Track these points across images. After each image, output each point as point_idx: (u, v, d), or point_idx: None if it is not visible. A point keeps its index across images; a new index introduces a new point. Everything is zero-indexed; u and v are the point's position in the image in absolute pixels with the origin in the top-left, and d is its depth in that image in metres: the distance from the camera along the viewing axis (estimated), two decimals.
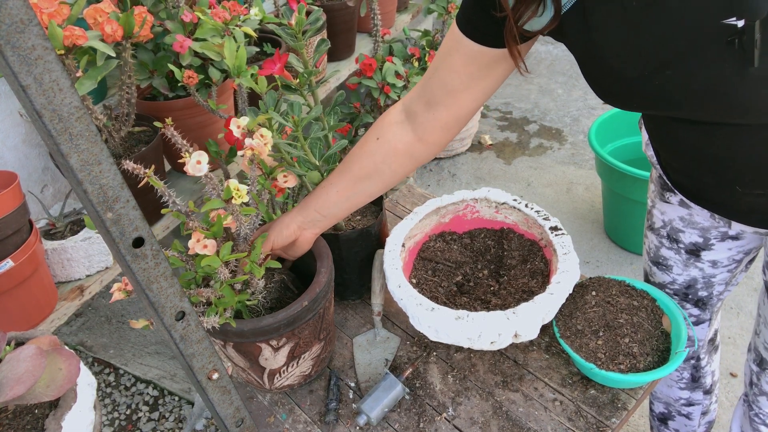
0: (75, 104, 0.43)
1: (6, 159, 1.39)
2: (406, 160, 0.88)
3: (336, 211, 0.91)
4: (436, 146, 0.87)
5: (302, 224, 0.91)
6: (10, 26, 0.38)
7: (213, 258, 0.77)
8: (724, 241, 0.95)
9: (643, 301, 0.94)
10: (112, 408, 1.74)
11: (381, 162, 0.87)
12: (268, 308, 0.90)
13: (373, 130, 0.89)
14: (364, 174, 0.88)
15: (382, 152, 0.87)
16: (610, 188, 2.05)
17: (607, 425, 0.86)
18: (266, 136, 0.83)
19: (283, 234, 0.90)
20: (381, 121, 0.89)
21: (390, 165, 0.88)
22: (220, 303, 0.80)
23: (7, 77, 0.40)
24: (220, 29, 1.19)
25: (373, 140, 0.88)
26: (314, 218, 0.91)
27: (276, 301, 0.91)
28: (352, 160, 0.89)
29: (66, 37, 0.98)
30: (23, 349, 0.66)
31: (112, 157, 0.46)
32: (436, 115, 0.83)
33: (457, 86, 0.79)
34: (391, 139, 0.87)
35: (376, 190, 0.90)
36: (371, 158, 0.88)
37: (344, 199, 0.90)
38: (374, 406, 0.89)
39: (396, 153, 0.87)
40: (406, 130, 0.86)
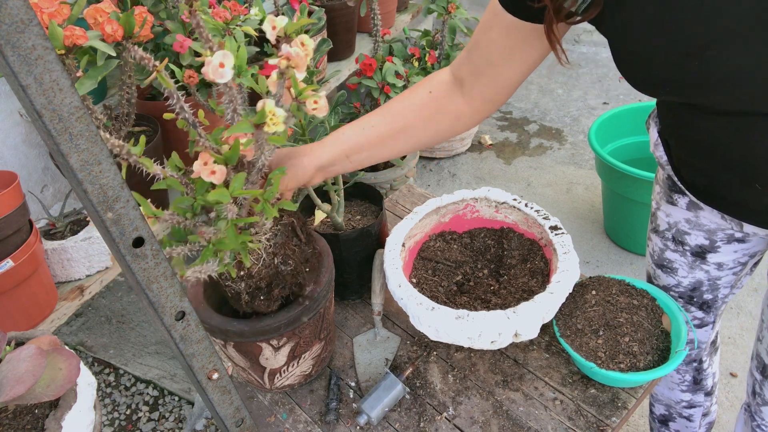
0: (75, 104, 0.43)
1: (6, 159, 1.39)
2: (451, 124, 0.85)
3: (363, 158, 0.84)
4: (480, 115, 0.85)
5: (323, 167, 0.83)
6: (10, 26, 0.38)
7: (222, 192, 0.65)
8: (730, 244, 0.94)
9: (643, 300, 0.94)
10: (112, 408, 1.74)
11: (427, 118, 0.83)
12: (270, 253, 0.80)
13: (424, 84, 0.85)
14: (409, 125, 0.83)
15: (432, 108, 0.83)
16: (610, 188, 2.05)
17: (608, 424, 0.86)
18: (307, 46, 0.70)
19: (299, 176, 0.81)
20: (432, 79, 0.85)
21: (437, 123, 0.84)
22: (221, 245, 0.69)
23: (7, 77, 0.40)
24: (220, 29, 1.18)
25: (425, 93, 0.84)
26: (341, 162, 0.83)
27: (280, 247, 0.81)
28: (398, 109, 0.84)
29: (66, 36, 0.98)
30: (23, 349, 0.66)
31: (112, 157, 0.46)
32: (480, 85, 0.81)
33: (497, 59, 0.78)
34: (443, 97, 0.83)
35: (410, 145, 0.86)
36: (421, 111, 0.83)
37: (378, 146, 0.84)
38: (375, 406, 0.89)
39: (445, 113, 0.83)
40: (456, 93, 0.83)
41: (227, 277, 0.77)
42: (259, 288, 0.79)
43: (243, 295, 0.79)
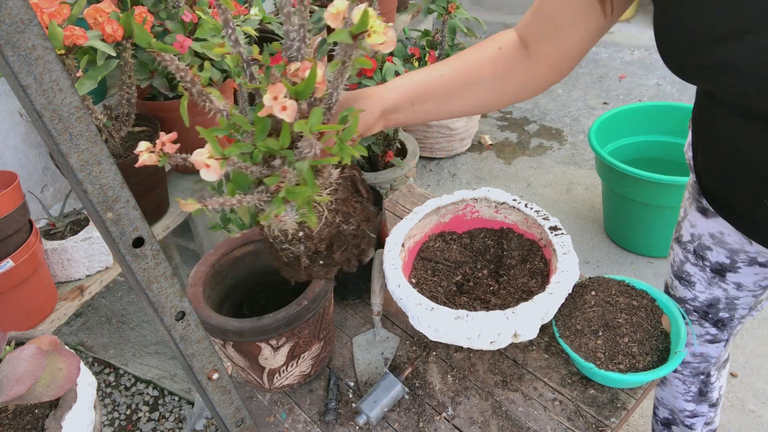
0: (75, 104, 0.43)
1: (6, 159, 1.39)
2: (517, 86, 0.79)
3: (426, 110, 0.78)
4: (545, 82, 0.80)
5: (388, 111, 0.76)
6: (10, 26, 0.38)
7: (301, 123, 0.57)
8: (751, 266, 0.90)
9: (642, 300, 0.94)
10: (112, 408, 1.74)
11: (496, 76, 0.78)
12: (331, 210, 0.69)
13: (493, 40, 0.79)
14: (477, 80, 0.78)
15: (501, 65, 0.78)
16: (610, 188, 2.05)
17: (607, 425, 0.86)
18: None
19: (365, 119, 0.73)
20: (500, 36, 0.80)
21: (504, 82, 0.79)
22: (293, 194, 0.60)
23: (7, 77, 0.40)
24: (220, 29, 1.19)
25: (495, 49, 0.78)
26: (405, 110, 0.77)
27: (342, 203, 0.70)
28: (468, 62, 0.78)
29: (66, 36, 0.99)
30: (23, 349, 0.66)
31: (112, 157, 0.47)
32: (546, 49, 0.76)
33: (562, 22, 0.74)
34: (512, 54, 0.78)
35: (474, 103, 0.80)
36: (490, 67, 0.78)
37: (443, 98, 0.78)
38: (374, 406, 0.89)
39: (513, 73, 0.78)
40: (523, 54, 0.78)
41: (282, 240, 0.69)
42: (318, 251, 0.71)
43: (302, 259, 0.71)
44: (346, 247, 0.73)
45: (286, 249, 0.70)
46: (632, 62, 3.42)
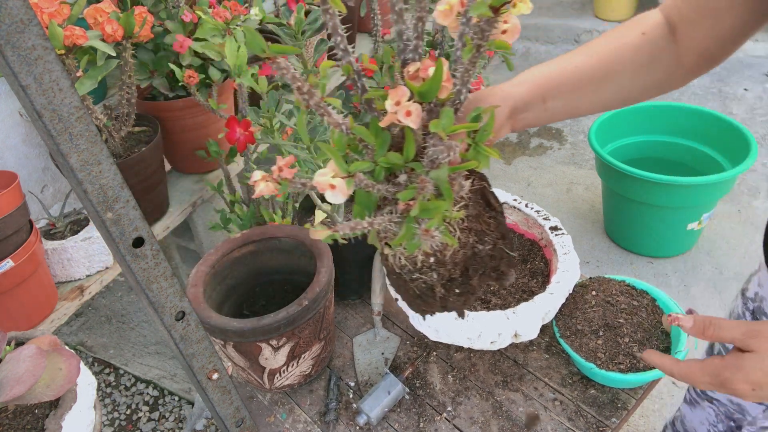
0: (75, 104, 0.43)
1: (6, 159, 1.39)
2: (662, 79, 0.69)
3: (559, 107, 0.68)
4: (690, 75, 0.69)
5: (516, 110, 0.67)
6: (10, 26, 0.38)
7: (436, 123, 0.51)
8: None
9: (643, 300, 0.94)
10: (112, 408, 1.74)
11: (638, 65, 0.67)
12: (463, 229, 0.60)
13: (635, 23, 0.69)
14: (617, 70, 0.67)
15: (645, 53, 0.67)
16: (610, 188, 2.05)
17: (607, 425, 0.86)
18: None
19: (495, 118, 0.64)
20: (643, 18, 0.69)
21: (647, 74, 0.68)
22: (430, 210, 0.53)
23: (7, 77, 0.40)
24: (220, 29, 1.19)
25: (637, 34, 0.67)
26: (535, 107, 0.67)
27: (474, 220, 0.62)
28: (606, 50, 0.68)
29: (66, 36, 0.98)
30: (23, 349, 0.66)
31: (112, 157, 0.46)
32: (695, 34, 0.65)
33: (720, 3, 0.63)
34: (659, 40, 0.67)
35: (613, 98, 0.70)
36: (632, 55, 0.67)
37: (578, 92, 0.68)
38: (374, 406, 0.89)
39: (658, 63, 0.68)
40: (670, 40, 0.67)
41: (411, 268, 0.61)
42: (452, 278, 0.62)
43: (437, 289, 0.63)
44: (483, 271, 0.64)
45: (417, 279, 0.62)
46: None
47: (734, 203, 2.30)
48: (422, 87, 0.52)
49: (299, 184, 0.55)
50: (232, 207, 1.31)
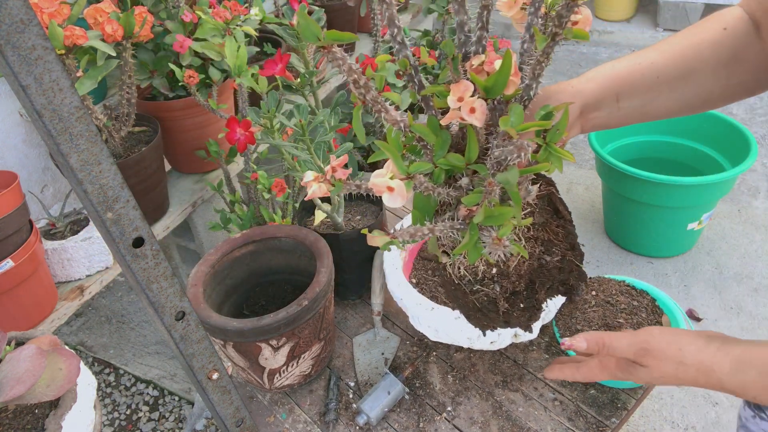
0: (75, 104, 0.43)
1: (6, 159, 1.39)
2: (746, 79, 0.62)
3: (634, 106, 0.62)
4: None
5: (587, 108, 0.62)
6: (10, 26, 0.38)
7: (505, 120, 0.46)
8: None
9: (643, 300, 0.94)
10: (112, 408, 1.74)
11: (720, 64, 0.61)
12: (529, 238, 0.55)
13: (715, 18, 0.63)
14: (696, 69, 0.61)
15: (727, 49, 0.60)
16: (610, 188, 2.05)
17: (607, 425, 0.86)
18: None
19: None
20: (724, 14, 0.63)
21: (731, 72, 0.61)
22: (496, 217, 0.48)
23: (7, 77, 0.40)
24: (220, 29, 1.19)
25: (718, 29, 0.61)
26: (608, 106, 0.62)
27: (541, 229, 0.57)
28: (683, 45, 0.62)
29: (66, 36, 0.98)
30: (23, 349, 0.66)
31: (112, 157, 0.46)
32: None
33: None
34: (743, 36, 0.60)
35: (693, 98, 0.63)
36: (713, 51, 0.61)
37: (654, 92, 0.62)
38: (374, 406, 0.89)
39: (743, 61, 0.61)
40: (755, 36, 0.60)
41: (472, 280, 0.58)
42: (516, 291, 0.58)
43: (500, 303, 0.59)
44: (551, 285, 0.59)
45: (478, 291, 0.58)
46: None
47: (734, 203, 2.30)
48: (488, 81, 0.47)
49: (354, 185, 0.52)
50: (232, 207, 1.31)
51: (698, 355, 0.52)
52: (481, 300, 0.59)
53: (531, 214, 0.57)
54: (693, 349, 0.53)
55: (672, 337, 0.54)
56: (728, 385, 0.51)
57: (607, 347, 0.56)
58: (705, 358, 0.52)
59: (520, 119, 0.47)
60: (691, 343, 0.53)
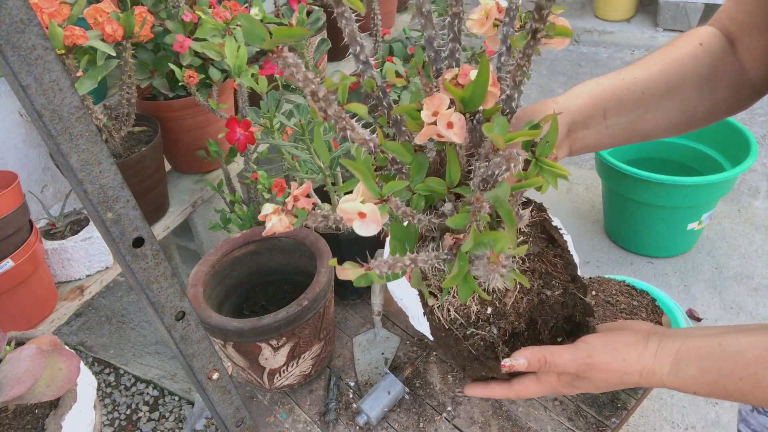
0: (75, 104, 0.43)
1: (6, 159, 1.39)
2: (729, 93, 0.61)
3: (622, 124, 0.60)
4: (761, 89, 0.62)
5: (575, 125, 0.59)
6: (10, 26, 0.38)
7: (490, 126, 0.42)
8: None
9: (643, 300, 0.94)
10: (112, 408, 1.74)
11: (702, 79, 0.60)
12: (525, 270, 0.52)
13: (689, 35, 0.63)
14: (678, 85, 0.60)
15: (706, 64, 0.60)
16: (610, 188, 2.05)
17: (607, 425, 0.86)
18: None
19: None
20: (696, 31, 0.63)
21: (714, 88, 0.61)
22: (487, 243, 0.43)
23: (7, 77, 0.40)
24: (220, 29, 1.19)
25: (695, 44, 0.61)
26: (596, 123, 0.60)
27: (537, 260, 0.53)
28: (664, 62, 0.61)
29: (66, 36, 0.98)
30: (23, 349, 0.66)
31: (112, 157, 0.46)
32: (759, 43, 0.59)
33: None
34: (719, 51, 0.60)
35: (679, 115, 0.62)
36: (693, 66, 0.60)
37: (641, 108, 0.60)
38: (374, 406, 0.89)
39: (723, 76, 0.61)
40: (731, 52, 0.61)
41: (464, 323, 0.51)
42: (516, 332, 0.53)
43: (499, 347, 0.53)
44: (555, 323, 0.54)
45: (473, 335, 0.51)
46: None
47: (734, 203, 2.30)
48: (465, 92, 0.42)
49: (320, 216, 0.48)
50: (232, 207, 1.31)
51: (640, 362, 0.51)
52: (477, 345, 0.52)
53: (524, 243, 0.52)
54: (635, 356, 0.51)
55: (613, 347, 0.52)
56: (669, 385, 0.51)
57: (549, 364, 0.53)
58: (646, 362, 0.51)
59: (504, 129, 0.42)
60: (632, 349, 0.52)
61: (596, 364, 0.52)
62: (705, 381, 0.49)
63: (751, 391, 0.47)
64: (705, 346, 0.49)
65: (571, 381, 0.55)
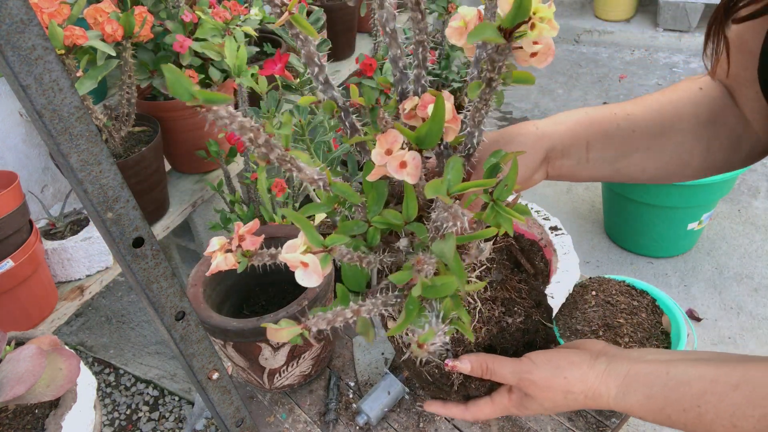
0: (75, 104, 0.43)
1: (6, 159, 1.39)
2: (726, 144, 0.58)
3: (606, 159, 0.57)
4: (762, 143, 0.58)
5: (553, 152, 0.56)
6: (10, 26, 0.38)
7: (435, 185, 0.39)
8: None
9: (643, 300, 0.94)
10: (112, 408, 1.74)
11: (700, 125, 0.57)
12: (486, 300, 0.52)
13: (691, 80, 0.60)
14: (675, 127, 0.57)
15: (705, 110, 0.57)
16: (610, 188, 2.05)
17: (607, 425, 0.86)
18: None
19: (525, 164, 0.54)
20: (695, 78, 0.61)
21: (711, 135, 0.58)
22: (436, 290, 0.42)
23: (7, 77, 0.40)
24: (220, 29, 1.19)
25: (695, 89, 0.59)
26: (576, 153, 0.57)
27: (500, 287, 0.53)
28: (661, 102, 0.58)
29: (66, 36, 0.98)
30: (23, 349, 0.66)
31: (112, 157, 0.46)
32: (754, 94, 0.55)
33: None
34: (719, 99, 0.58)
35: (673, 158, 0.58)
36: (692, 111, 0.57)
37: (630, 146, 0.57)
38: (374, 406, 0.89)
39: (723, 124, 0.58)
40: (729, 101, 0.58)
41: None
42: None
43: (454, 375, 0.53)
44: (515, 350, 0.54)
45: (429, 362, 0.52)
46: (632, 62, 3.42)
47: (734, 203, 2.30)
48: (419, 131, 0.40)
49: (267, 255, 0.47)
50: (232, 207, 1.31)
51: (584, 382, 0.50)
52: (432, 372, 0.52)
53: (488, 271, 0.51)
54: (578, 375, 0.50)
55: (556, 365, 0.51)
56: (616, 408, 0.50)
57: (491, 371, 0.52)
58: (591, 383, 0.50)
59: (457, 177, 0.39)
60: (575, 368, 0.51)
61: (537, 381, 0.51)
62: (650, 408, 0.48)
63: (693, 423, 0.46)
64: (653, 372, 0.49)
65: (520, 401, 0.54)
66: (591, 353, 0.52)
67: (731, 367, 0.46)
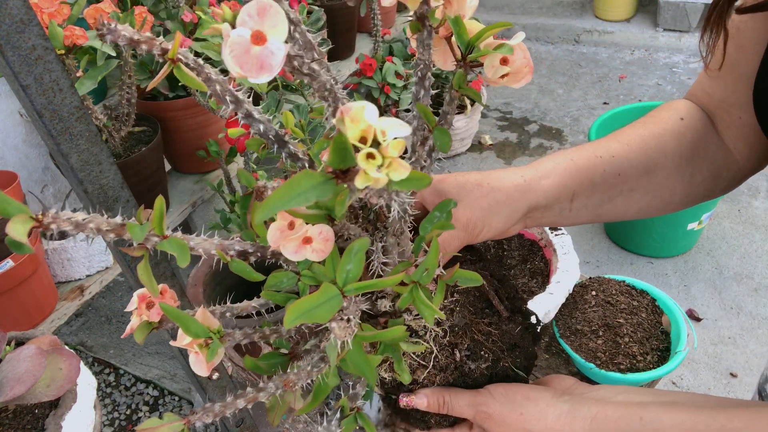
0: (75, 104, 0.43)
1: (6, 159, 1.39)
2: (708, 176, 0.58)
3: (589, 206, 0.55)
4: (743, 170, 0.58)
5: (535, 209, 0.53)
6: (11, 26, 0.38)
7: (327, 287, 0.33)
8: None
9: (643, 300, 0.94)
10: (112, 408, 1.74)
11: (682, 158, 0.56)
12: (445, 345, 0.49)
13: (671, 108, 0.59)
14: (658, 164, 0.56)
15: (688, 142, 0.56)
16: None
17: None
18: None
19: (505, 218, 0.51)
20: (675, 105, 0.59)
21: (694, 169, 0.57)
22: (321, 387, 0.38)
23: (7, 77, 0.40)
24: None
25: (676, 119, 0.57)
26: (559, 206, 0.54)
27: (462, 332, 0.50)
28: (644, 138, 0.57)
29: (66, 36, 0.99)
30: (23, 349, 0.66)
31: (112, 157, 0.47)
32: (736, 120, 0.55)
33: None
34: (700, 128, 0.57)
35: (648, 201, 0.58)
36: (675, 144, 0.56)
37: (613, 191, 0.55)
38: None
39: (704, 156, 0.57)
40: (711, 129, 0.57)
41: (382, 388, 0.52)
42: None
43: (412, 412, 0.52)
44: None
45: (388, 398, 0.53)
46: (632, 62, 3.42)
47: (734, 203, 2.30)
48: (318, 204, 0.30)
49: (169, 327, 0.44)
50: (232, 207, 1.31)
51: (542, 420, 0.47)
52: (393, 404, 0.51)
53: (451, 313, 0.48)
54: (534, 413, 0.48)
55: (512, 399, 0.49)
56: None
57: (447, 405, 0.50)
58: (551, 423, 0.47)
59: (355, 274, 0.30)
60: (531, 404, 0.48)
61: (492, 414, 0.49)
62: None
63: None
64: (624, 417, 0.46)
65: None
66: (554, 391, 0.50)
67: (710, 416, 0.43)
